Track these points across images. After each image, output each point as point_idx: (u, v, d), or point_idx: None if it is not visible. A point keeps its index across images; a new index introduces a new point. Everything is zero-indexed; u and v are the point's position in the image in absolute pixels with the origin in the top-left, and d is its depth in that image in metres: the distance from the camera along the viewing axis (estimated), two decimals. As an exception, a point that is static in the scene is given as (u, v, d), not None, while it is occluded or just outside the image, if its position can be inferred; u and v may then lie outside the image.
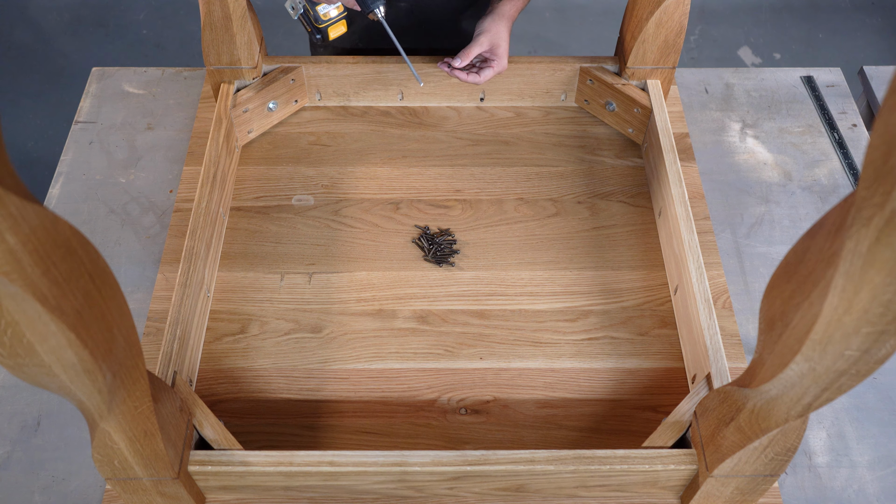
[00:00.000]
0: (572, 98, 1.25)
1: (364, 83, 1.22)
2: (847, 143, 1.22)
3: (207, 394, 0.94)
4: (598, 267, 1.06)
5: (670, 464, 0.80)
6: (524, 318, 1.01)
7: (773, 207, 1.15)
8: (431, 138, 1.21)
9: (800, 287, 0.55)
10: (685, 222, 0.99)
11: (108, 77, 1.31)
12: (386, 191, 1.14)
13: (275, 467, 0.79)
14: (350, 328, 0.99)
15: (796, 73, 1.33)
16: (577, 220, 1.11)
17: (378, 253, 1.07)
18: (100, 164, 1.19)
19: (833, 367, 0.54)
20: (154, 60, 2.63)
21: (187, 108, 1.26)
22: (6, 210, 0.42)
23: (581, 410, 0.93)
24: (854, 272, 0.45)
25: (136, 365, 0.63)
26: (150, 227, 1.11)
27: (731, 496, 0.82)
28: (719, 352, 0.88)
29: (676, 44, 1.12)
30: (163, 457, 0.73)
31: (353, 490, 0.84)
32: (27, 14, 2.78)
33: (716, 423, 0.76)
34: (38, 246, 0.45)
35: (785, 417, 0.64)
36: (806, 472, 0.91)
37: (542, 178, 1.16)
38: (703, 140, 1.23)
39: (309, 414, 0.93)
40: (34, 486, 0.88)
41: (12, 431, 0.92)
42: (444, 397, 0.94)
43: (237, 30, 1.09)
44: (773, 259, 1.09)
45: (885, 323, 0.47)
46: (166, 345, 0.88)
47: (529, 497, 0.86)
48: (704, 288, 0.93)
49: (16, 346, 0.51)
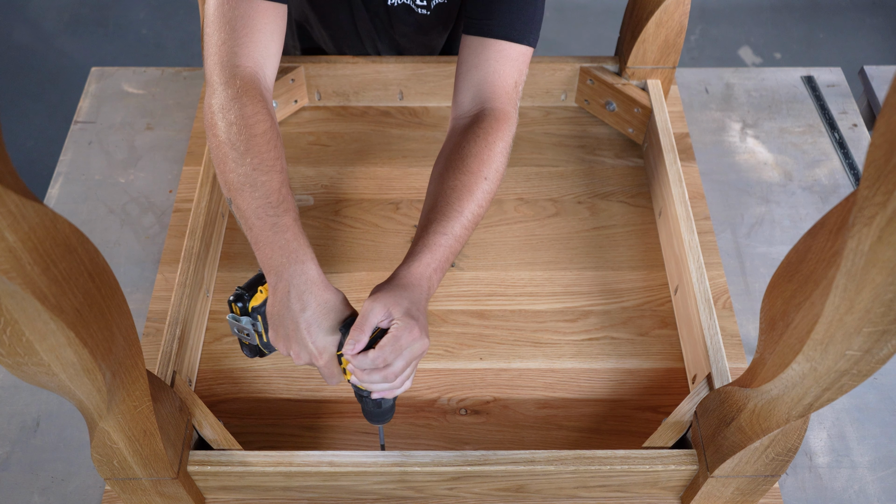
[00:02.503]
0: (572, 98, 1.25)
1: (364, 83, 1.22)
2: (847, 143, 1.22)
3: (207, 394, 0.94)
4: (598, 267, 1.06)
5: (671, 464, 0.80)
6: (524, 318, 1.01)
7: (774, 207, 1.15)
8: (431, 138, 1.21)
9: (801, 287, 0.55)
10: (685, 222, 0.99)
11: (107, 77, 1.31)
12: (386, 191, 1.14)
13: (274, 467, 0.79)
14: (350, 328, 0.99)
15: (797, 72, 1.33)
16: (577, 220, 1.11)
17: (378, 253, 1.07)
18: (99, 164, 1.19)
19: (834, 367, 0.54)
20: (154, 60, 2.63)
21: (187, 108, 1.26)
22: (6, 208, 0.41)
23: (581, 411, 0.93)
24: (856, 272, 0.45)
25: (136, 364, 0.63)
26: (149, 227, 1.11)
27: (731, 497, 0.82)
28: (720, 352, 0.87)
29: (676, 43, 1.12)
30: (162, 457, 0.73)
31: (353, 490, 0.84)
32: (27, 14, 2.78)
33: (716, 423, 0.76)
34: (37, 244, 0.45)
35: (786, 418, 0.64)
36: (807, 472, 0.91)
37: (542, 178, 1.16)
38: (703, 140, 1.23)
39: (309, 414, 0.92)
40: (34, 486, 0.88)
41: (12, 432, 0.92)
42: (444, 398, 0.94)
43: (237, 29, 1.09)
44: (774, 259, 1.09)
45: (886, 322, 0.47)
46: (166, 345, 0.88)
47: (529, 497, 0.85)
48: (705, 288, 0.93)
49: (15, 344, 0.51)
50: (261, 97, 0.81)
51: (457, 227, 0.80)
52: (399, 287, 0.75)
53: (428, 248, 0.78)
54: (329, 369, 0.76)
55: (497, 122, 0.86)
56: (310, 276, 0.74)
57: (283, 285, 0.74)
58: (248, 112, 0.79)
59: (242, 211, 0.77)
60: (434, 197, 0.83)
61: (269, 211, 0.76)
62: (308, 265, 0.75)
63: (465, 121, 0.88)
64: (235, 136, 0.78)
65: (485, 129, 0.85)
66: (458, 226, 0.80)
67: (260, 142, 0.78)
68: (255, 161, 0.77)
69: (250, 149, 0.77)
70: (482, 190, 0.83)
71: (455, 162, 0.84)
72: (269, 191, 0.76)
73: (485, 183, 0.83)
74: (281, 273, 0.75)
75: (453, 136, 0.88)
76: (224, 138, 0.78)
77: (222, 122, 0.79)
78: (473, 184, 0.82)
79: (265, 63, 0.84)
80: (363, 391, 0.75)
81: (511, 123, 0.87)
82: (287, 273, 0.74)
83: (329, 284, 0.76)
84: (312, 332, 0.74)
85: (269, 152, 0.78)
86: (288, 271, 0.74)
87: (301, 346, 0.75)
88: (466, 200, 0.81)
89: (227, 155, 0.78)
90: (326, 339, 0.74)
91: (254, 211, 0.76)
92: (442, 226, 0.80)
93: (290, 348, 0.75)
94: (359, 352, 0.71)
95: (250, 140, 0.78)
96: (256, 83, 0.81)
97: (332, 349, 0.75)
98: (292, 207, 0.77)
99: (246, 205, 0.76)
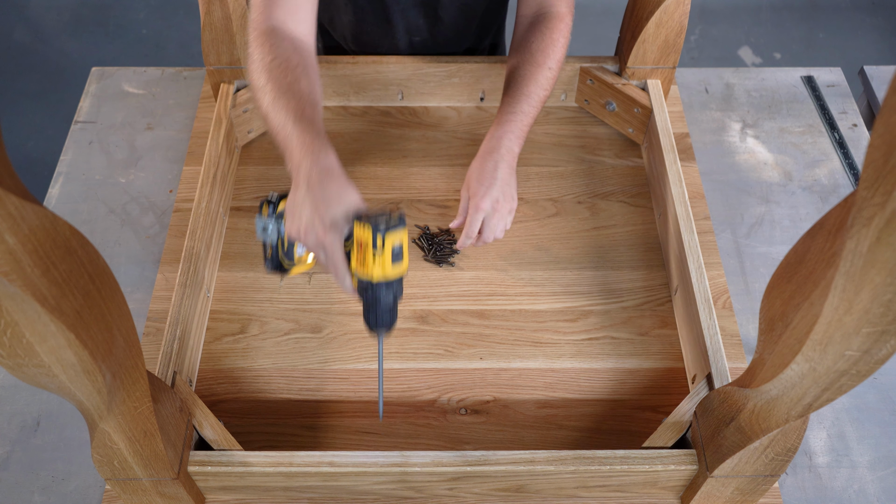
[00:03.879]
0: (572, 98, 1.25)
1: (364, 83, 1.22)
2: (847, 143, 1.22)
3: (207, 394, 0.94)
4: (598, 267, 1.06)
5: (670, 464, 0.80)
6: (524, 318, 1.01)
7: (774, 207, 1.15)
8: (431, 138, 1.21)
9: (800, 287, 0.55)
10: (685, 222, 0.99)
11: (107, 77, 1.31)
12: (386, 191, 1.14)
13: (275, 468, 0.79)
14: (350, 328, 0.99)
15: (796, 72, 1.33)
16: (577, 220, 1.11)
17: (378, 253, 1.07)
18: (99, 164, 1.19)
19: (833, 367, 0.54)
20: (154, 60, 2.63)
21: (187, 108, 1.26)
22: (6, 210, 0.42)
23: (581, 410, 0.93)
24: (854, 272, 0.45)
25: (136, 365, 0.63)
26: (149, 227, 1.11)
27: (731, 496, 0.82)
28: (719, 352, 0.88)
29: (676, 44, 1.12)
30: (162, 457, 0.73)
31: (353, 490, 0.84)
32: (27, 14, 2.78)
33: (716, 423, 0.76)
34: (37, 246, 0.45)
35: (785, 418, 0.64)
36: (806, 472, 0.91)
37: (542, 178, 1.16)
38: (703, 140, 1.23)
39: (309, 414, 0.93)
40: (34, 486, 0.88)
41: (12, 431, 0.92)
42: (444, 397, 0.94)
43: (237, 30, 1.09)
44: (774, 259, 1.09)
45: (885, 323, 0.47)
46: (166, 345, 0.88)
47: (529, 497, 0.85)
48: (704, 288, 0.93)
49: (15, 346, 0.51)
50: (293, 46, 0.91)
51: (525, 105, 0.98)
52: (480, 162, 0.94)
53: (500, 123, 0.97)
54: (335, 257, 0.78)
55: (557, 20, 1.02)
56: (326, 164, 0.79)
57: (302, 176, 0.79)
58: (281, 53, 0.89)
59: (273, 128, 0.85)
60: (506, 84, 1.02)
61: (294, 120, 0.83)
62: (326, 155, 0.80)
63: (528, 19, 1.05)
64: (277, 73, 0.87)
65: (548, 27, 1.02)
66: (526, 105, 0.98)
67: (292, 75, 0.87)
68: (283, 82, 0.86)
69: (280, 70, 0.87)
70: (545, 77, 1.00)
71: (524, 55, 1.01)
72: (293, 105, 0.84)
73: (548, 71, 1.00)
74: (301, 166, 0.80)
75: (519, 32, 1.05)
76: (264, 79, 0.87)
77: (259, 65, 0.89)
78: (538, 72, 0.99)
79: (298, 25, 0.94)
80: (368, 280, 0.77)
81: (568, 22, 1.04)
82: (306, 164, 0.79)
83: (346, 177, 0.80)
84: (324, 215, 0.77)
85: (292, 73, 0.87)
86: (307, 162, 0.79)
87: (311, 230, 0.78)
88: (532, 85, 0.99)
89: (261, 85, 0.87)
90: (336, 225, 0.77)
91: (279, 123, 0.84)
92: (512, 106, 0.98)
93: (301, 233, 0.79)
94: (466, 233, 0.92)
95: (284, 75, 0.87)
96: (291, 38, 0.92)
97: (341, 237, 0.78)
98: (315, 115, 0.85)
99: (274, 122, 0.85)
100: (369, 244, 0.75)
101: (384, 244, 0.74)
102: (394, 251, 0.75)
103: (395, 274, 0.77)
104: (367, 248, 0.75)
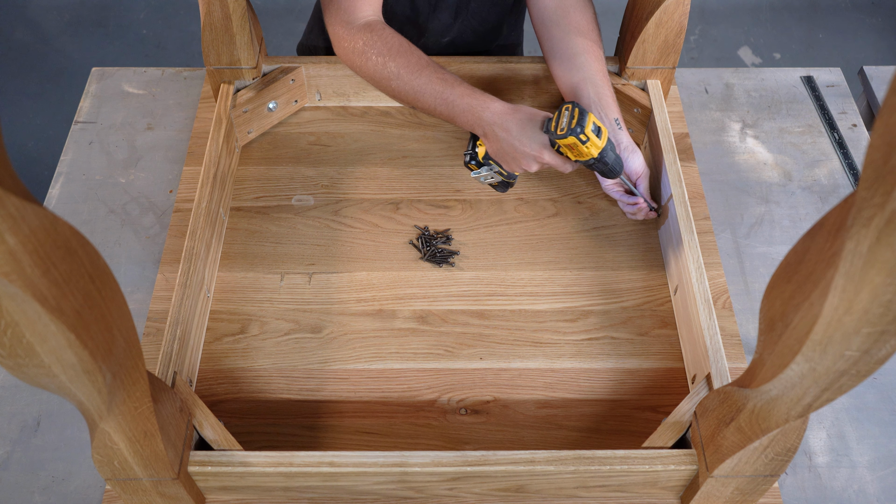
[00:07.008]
0: (572, 98, 1.25)
1: (364, 83, 1.22)
2: (847, 143, 1.22)
3: (207, 394, 0.94)
4: (598, 267, 1.06)
5: (670, 464, 0.80)
6: (524, 318, 1.01)
7: (773, 207, 1.15)
8: (431, 138, 1.21)
9: (800, 287, 0.55)
10: (685, 222, 0.99)
11: (107, 77, 1.31)
12: (386, 191, 1.14)
13: (275, 468, 0.79)
14: (350, 328, 0.99)
15: (796, 73, 1.33)
16: (577, 220, 1.11)
17: (378, 253, 1.07)
18: (100, 164, 1.19)
19: (833, 367, 0.54)
20: (154, 60, 2.63)
21: (187, 108, 1.26)
22: (6, 211, 0.42)
23: (581, 410, 0.93)
24: (854, 272, 0.45)
25: (136, 365, 0.63)
26: (149, 227, 1.11)
27: (731, 496, 0.82)
28: (719, 352, 0.88)
29: (676, 44, 1.12)
30: (162, 457, 0.73)
31: (353, 491, 0.84)
32: (27, 14, 2.78)
33: (716, 423, 0.76)
34: (37, 246, 0.45)
35: (785, 418, 0.64)
36: (806, 472, 0.91)
37: (542, 178, 1.16)
38: (703, 140, 1.23)
39: (309, 414, 0.93)
40: (34, 486, 0.88)
41: (12, 432, 0.92)
42: (444, 397, 0.94)
43: (237, 30, 1.09)
44: (774, 259, 1.09)
45: (885, 323, 0.47)
46: (166, 345, 0.88)
47: (529, 498, 0.86)
48: (704, 288, 0.93)
49: (16, 346, 0.51)
50: (392, 31, 1.04)
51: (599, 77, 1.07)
52: None
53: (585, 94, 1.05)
54: (554, 160, 0.97)
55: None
56: (497, 110, 0.97)
57: (487, 129, 0.98)
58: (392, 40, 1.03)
59: (430, 104, 1.01)
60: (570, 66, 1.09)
61: (445, 88, 1.00)
62: (491, 104, 0.97)
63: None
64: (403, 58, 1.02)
65: None
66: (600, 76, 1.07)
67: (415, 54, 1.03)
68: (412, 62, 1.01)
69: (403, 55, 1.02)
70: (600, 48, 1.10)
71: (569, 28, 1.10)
72: (435, 78, 1.00)
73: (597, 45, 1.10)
74: (479, 124, 0.99)
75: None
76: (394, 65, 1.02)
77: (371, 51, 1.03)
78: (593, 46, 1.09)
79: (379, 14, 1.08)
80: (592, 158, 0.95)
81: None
82: (483, 121, 0.98)
83: (514, 106, 0.97)
84: (526, 144, 0.95)
85: (414, 53, 1.03)
86: (483, 119, 0.98)
87: (527, 159, 0.97)
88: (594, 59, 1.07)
89: (390, 72, 1.02)
90: (539, 142, 0.95)
91: (435, 97, 1.00)
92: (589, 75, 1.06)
93: (522, 165, 0.98)
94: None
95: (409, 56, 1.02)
96: (384, 26, 1.05)
97: (547, 147, 0.95)
98: (456, 78, 1.01)
99: (428, 99, 1.01)
100: (576, 143, 0.92)
101: (586, 135, 0.91)
102: (592, 131, 0.92)
103: (603, 142, 0.94)
104: (576, 145, 0.92)
